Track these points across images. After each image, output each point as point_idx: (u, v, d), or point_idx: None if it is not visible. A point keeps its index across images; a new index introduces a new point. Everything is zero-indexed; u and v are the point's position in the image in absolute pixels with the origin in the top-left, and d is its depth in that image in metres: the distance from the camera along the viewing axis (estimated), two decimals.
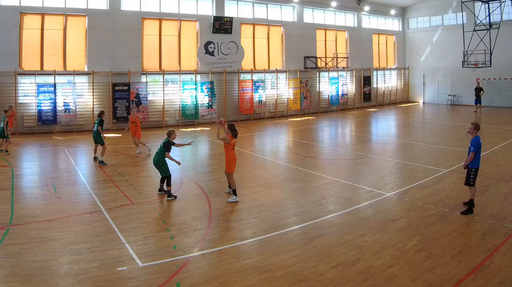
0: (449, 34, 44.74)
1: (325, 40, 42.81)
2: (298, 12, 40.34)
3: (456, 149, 21.93)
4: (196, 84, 33.98)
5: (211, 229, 11.51)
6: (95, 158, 19.99)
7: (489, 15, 37.78)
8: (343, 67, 43.24)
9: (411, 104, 47.95)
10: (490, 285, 8.43)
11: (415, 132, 30.27)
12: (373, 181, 16.27)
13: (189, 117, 33.84)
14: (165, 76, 33.20)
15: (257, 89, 37.00)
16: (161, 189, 14.82)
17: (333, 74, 42.96)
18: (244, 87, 36.45)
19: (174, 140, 14.69)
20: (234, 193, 14.08)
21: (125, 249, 10.11)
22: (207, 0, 35.39)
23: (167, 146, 14.28)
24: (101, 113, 20.59)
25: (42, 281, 8.53)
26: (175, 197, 14.33)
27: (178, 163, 14.90)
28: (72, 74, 29.86)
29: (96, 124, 19.97)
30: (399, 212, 12.79)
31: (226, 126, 14.34)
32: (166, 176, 14.38)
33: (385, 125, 34.12)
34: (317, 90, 41.49)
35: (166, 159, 14.30)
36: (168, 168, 14.38)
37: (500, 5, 38.17)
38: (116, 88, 30.93)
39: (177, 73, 33.80)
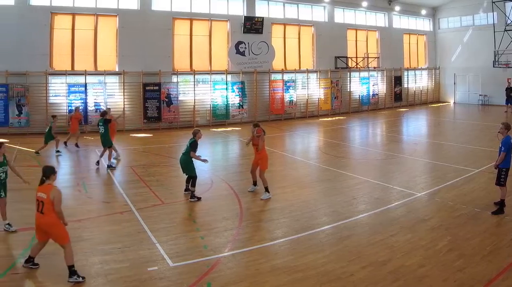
0: (479, 34, 41.50)
1: (356, 40, 39.97)
2: (329, 12, 37.67)
3: (487, 149, 20.43)
4: (227, 84, 31.87)
5: (241, 229, 11.02)
6: (97, 162, 18.01)
7: None
8: (374, 67, 40.40)
9: (442, 104, 44.96)
10: None
11: (446, 132, 28.72)
12: (403, 181, 15.49)
13: (220, 117, 31.69)
14: (196, 76, 31.08)
15: (288, 89, 34.66)
16: (187, 189, 13.94)
17: (364, 74, 40.28)
18: (275, 87, 34.09)
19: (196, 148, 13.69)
20: (267, 189, 13.56)
21: (156, 249, 9.70)
22: (237, 0, 33.27)
23: (193, 146, 13.44)
24: (104, 113, 18.42)
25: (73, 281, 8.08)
26: (199, 198, 13.40)
27: (205, 161, 13.90)
28: (103, 74, 27.97)
29: (101, 126, 17.80)
30: (429, 212, 12.24)
31: (255, 132, 13.94)
32: (191, 176, 13.55)
33: (416, 125, 32.30)
34: (348, 90, 38.80)
35: (193, 158, 13.52)
36: (194, 168, 13.56)
37: None
38: (147, 88, 28.94)
39: (208, 73, 31.64)
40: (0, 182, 10.55)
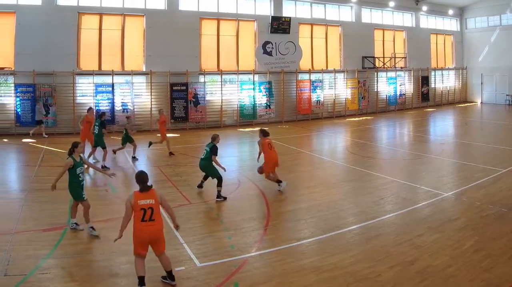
0: (507, 34, 38.73)
1: (383, 40, 37.40)
2: (356, 12, 35.28)
3: None
4: (254, 84, 29.91)
5: (269, 229, 10.48)
6: (104, 166, 16.42)
7: None
8: (401, 67, 37.84)
9: (469, 104, 42.13)
10: None
11: (473, 132, 27.10)
12: (431, 181, 14.62)
13: (247, 117, 29.74)
14: (223, 76, 29.22)
15: (315, 89, 32.50)
16: (200, 185, 13.58)
17: (391, 74, 37.71)
18: (302, 87, 31.96)
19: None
20: (278, 181, 13.46)
21: (183, 249, 9.24)
22: (265, 0, 31.27)
23: (214, 150, 12.90)
24: (102, 115, 17.72)
25: (100, 281, 7.81)
26: (225, 198, 12.70)
27: (224, 169, 12.91)
28: (130, 74, 26.30)
29: (97, 127, 17.00)
30: (457, 212, 11.62)
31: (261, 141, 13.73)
32: (216, 177, 12.81)
33: (443, 125, 30.39)
34: (375, 90, 36.33)
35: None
36: (216, 169, 12.92)
37: None
38: (174, 88, 27.17)
39: (235, 73, 29.73)
40: (79, 183, 9.94)
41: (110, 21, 26.19)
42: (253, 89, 29.94)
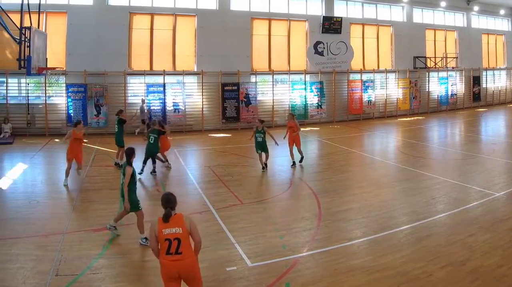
0: None
1: (434, 40, 32.43)
2: (407, 12, 30.63)
3: None
4: (305, 84, 26.01)
5: (320, 229, 9.20)
6: (116, 164, 14.46)
7: None
8: (452, 67, 32.84)
9: None
10: None
11: None
12: (482, 181, 13.00)
13: (299, 117, 25.42)
14: (275, 76, 25.46)
15: (366, 89, 28.20)
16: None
17: (442, 74, 32.70)
18: (354, 87, 27.75)
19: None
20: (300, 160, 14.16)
21: (235, 249, 8.13)
22: (316, 0, 27.44)
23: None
24: (119, 112, 15.03)
25: (150, 281, 6.85)
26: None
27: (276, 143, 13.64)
28: (182, 74, 22.98)
29: (117, 125, 14.57)
30: (508, 212, 10.14)
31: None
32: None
33: (495, 126, 26.74)
34: (426, 90, 31.52)
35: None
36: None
37: None
38: (226, 88, 23.67)
39: (287, 73, 25.87)
40: (135, 191, 8.58)
41: (162, 21, 22.99)
42: (305, 89, 26.07)
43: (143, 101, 21.43)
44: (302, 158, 15.12)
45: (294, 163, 14.82)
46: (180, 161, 16.09)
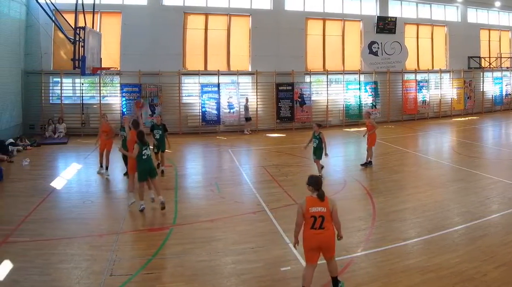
0: None
1: (489, 40, 27.67)
2: (462, 12, 26.14)
3: None
4: (359, 84, 22.14)
5: (374, 229, 7.87)
6: (162, 171, 12.03)
7: None
8: (507, 67, 27.98)
9: None
10: None
11: None
12: None
13: (353, 117, 22.04)
14: (329, 76, 21.74)
15: (421, 89, 23.92)
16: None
17: (497, 74, 27.80)
18: (408, 87, 23.57)
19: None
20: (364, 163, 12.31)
21: (289, 249, 6.94)
22: (371, 0, 23.66)
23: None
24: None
25: (205, 281, 6.01)
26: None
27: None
28: (236, 74, 19.77)
29: (161, 130, 12.01)
30: None
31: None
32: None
33: None
34: (481, 90, 26.81)
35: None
36: None
37: None
38: (280, 88, 20.22)
39: (341, 73, 22.10)
40: None
41: (216, 21, 19.88)
42: (359, 89, 22.19)
43: (247, 100, 19.22)
44: (366, 162, 12.72)
45: (370, 162, 12.72)
46: (234, 161, 14.17)
